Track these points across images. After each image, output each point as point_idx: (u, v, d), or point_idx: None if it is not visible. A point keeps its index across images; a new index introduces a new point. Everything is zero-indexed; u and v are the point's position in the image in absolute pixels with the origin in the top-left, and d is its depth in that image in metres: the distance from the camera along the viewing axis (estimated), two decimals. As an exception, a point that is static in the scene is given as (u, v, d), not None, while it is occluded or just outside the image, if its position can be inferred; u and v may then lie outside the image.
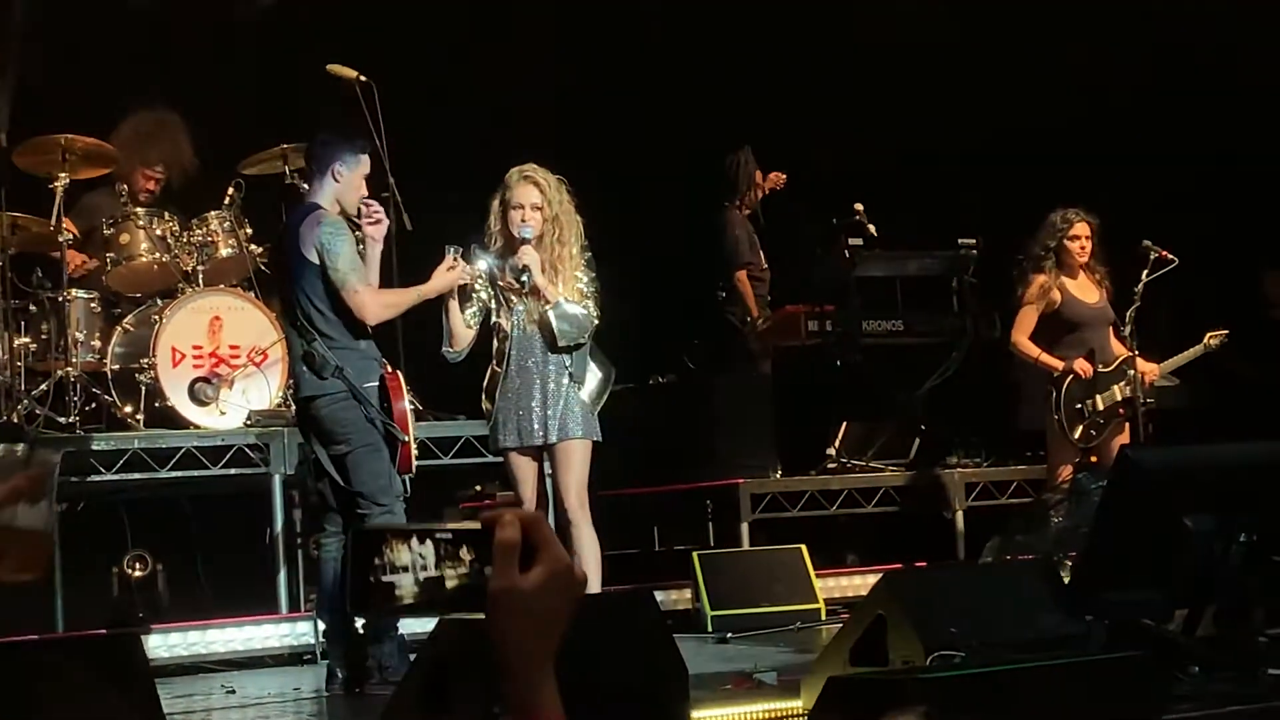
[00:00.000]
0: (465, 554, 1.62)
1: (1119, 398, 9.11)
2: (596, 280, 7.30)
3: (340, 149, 7.00)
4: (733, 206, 10.89)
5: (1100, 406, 9.11)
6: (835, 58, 11.95)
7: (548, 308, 7.16)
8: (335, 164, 6.96)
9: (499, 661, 1.66)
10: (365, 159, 7.09)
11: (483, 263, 7.27)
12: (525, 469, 7.34)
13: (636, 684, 4.85)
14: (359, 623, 6.91)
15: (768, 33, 12.14)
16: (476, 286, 7.29)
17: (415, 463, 7.04)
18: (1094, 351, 9.17)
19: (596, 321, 7.26)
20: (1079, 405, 9.13)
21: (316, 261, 6.84)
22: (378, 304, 7.01)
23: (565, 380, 7.23)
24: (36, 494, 1.81)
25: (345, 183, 6.98)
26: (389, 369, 7.09)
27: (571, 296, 7.19)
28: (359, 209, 7.10)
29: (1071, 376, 9.11)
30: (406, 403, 7.00)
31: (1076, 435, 9.16)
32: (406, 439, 6.91)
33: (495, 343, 7.36)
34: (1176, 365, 9.62)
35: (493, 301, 7.34)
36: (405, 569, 1.61)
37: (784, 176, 11.22)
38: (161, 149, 9.54)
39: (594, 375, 7.35)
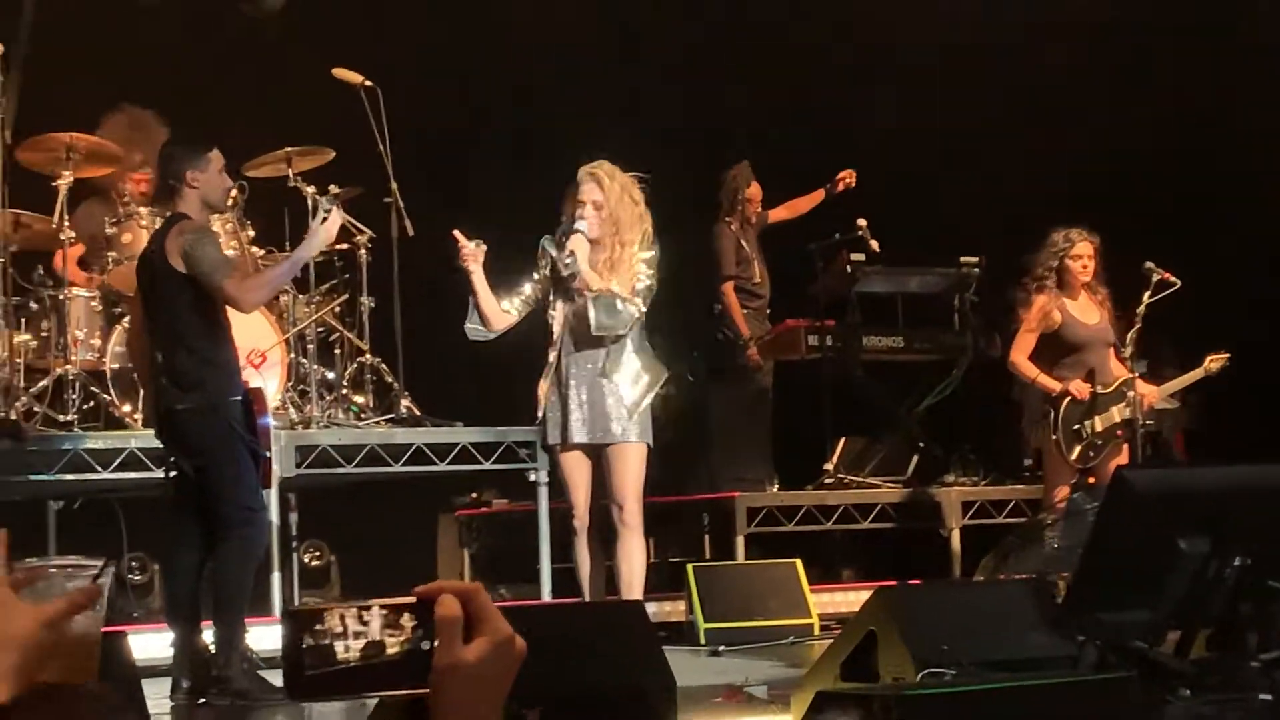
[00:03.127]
0: (407, 621, 1.63)
1: (1117, 419, 9.08)
2: (654, 280, 7.35)
3: (186, 156, 6.99)
4: (722, 221, 10.86)
5: (1098, 428, 9.08)
6: (843, 73, 11.96)
7: (589, 295, 7.24)
8: (188, 171, 6.94)
9: None
10: (215, 153, 7.03)
11: (551, 253, 7.42)
12: (571, 465, 7.44)
13: (625, 695, 4.84)
14: (207, 635, 6.86)
15: (774, 49, 12.15)
16: (536, 276, 7.45)
17: (275, 478, 7.10)
18: (1093, 372, 9.14)
19: (637, 315, 7.31)
20: (1077, 426, 9.11)
21: (183, 270, 6.77)
22: (248, 288, 6.96)
23: (616, 379, 7.30)
24: (88, 605, 1.86)
25: (205, 184, 6.97)
26: (250, 384, 7.09)
27: (624, 292, 7.24)
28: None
29: (1069, 398, 9.09)
30: (270, 418, 7.05)
31: (1074, 456, 9.13)
32: (268, 454, 6.92)
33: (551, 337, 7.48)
34: (1176, 388, 9.61)
35: (552, 294, 7.43)
36: (342, 635, 1.60)
37: (852, 176, 10.96)
38: (144, 150, 9.45)
39: (643, 376, 7.39)
